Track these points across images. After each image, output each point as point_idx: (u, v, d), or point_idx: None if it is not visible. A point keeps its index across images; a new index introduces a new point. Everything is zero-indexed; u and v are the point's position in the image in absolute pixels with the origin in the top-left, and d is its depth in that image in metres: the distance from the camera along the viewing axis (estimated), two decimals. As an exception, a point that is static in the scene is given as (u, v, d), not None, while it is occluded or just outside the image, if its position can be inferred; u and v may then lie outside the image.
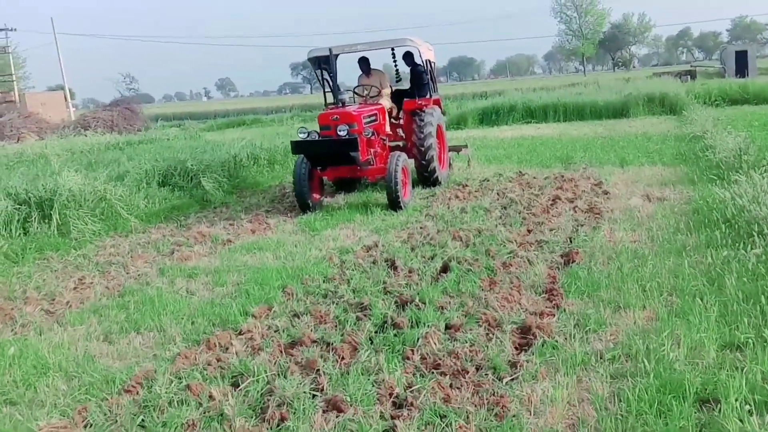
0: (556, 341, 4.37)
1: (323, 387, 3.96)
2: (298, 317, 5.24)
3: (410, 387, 3.89)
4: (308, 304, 5.55)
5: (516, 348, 4.39)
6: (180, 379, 4.26)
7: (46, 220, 8.99)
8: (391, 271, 6.24)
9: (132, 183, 10.91)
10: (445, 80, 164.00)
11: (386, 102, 10.97)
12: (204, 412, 3.80)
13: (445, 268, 6.07)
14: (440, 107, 11.73)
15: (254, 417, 3.73)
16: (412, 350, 4.34)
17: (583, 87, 31.64)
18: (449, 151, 12.40)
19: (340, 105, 9.89)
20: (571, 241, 6.88)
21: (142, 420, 3.74)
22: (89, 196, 9.74)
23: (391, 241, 7.54)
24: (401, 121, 11.31)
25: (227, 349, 4.72)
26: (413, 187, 10.59)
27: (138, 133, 26.61)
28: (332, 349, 4.49)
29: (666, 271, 5.60)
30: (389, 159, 9.44)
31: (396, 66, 11.91)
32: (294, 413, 3.66)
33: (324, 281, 6.15)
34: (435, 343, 4.39)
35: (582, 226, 7.51)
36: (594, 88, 29.30)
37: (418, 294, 5.37)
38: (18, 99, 39.46)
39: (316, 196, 10.02)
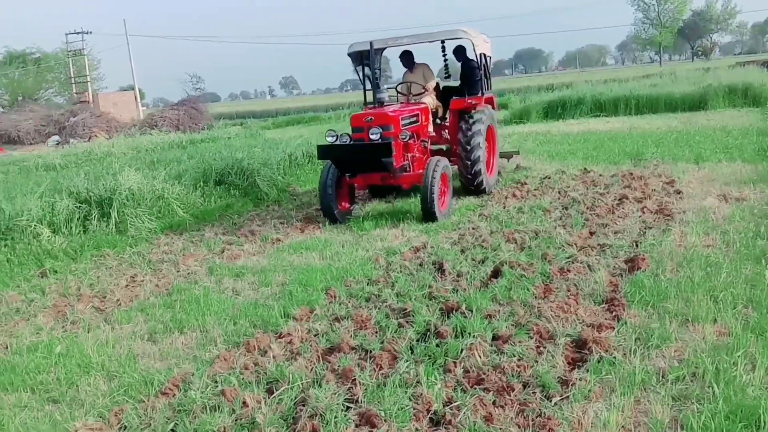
0: (614, 357, 4.05)
1: (358, 398, 3.80)
2: (339, 321, 5.11)
3: (450, 403, 3.67)
4: (350, 307, 5.41)
5: (569, 364, 4.10)
6: (216, 383, 4.20)
7: (105, 218, 9.26)
8: (437, 275, 6.03)
9: (189, 181, 11.10)
10: (510, 73, 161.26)
11: (431, 101, 10.18)
12: (236, 420, 3.72)
13: (496, 273, 5.81)
14: (493, 105, 10.86)
15: (285, 428, 3.61)
16: (455, 362, 4.12)
17: (658, 78, 30.31)
18: (501, 156, 11.52)
19: (378, 105, 9.17)
20: (637, 246, 6.46)
21: (175, 425, 3.69)
22: (147, 195, 9.98)
23: (441, 242, 7.31)
24: (447, 122, 10.53)
25: (266, 352, 4.65)
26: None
27: (201, 131, 27.28)
28: (370, 357, 4.33)
29: (742, 280, 5.14)
30: (427, 165, 8.44)
31: (446, 60, 10.95)
32: (326, 425, 3.52)
33: (368, 284, 6.00)
34: (480, 356, 4.16)
35: (650, 228, 7.06)
36: (670, 79, 28.01)
37: (465, 300, 5.14)
38: (92, 99, 41.22)
39: (346, 204, 9.24)
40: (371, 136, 8.31)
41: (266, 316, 5.35)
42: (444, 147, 10.22)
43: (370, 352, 4.42)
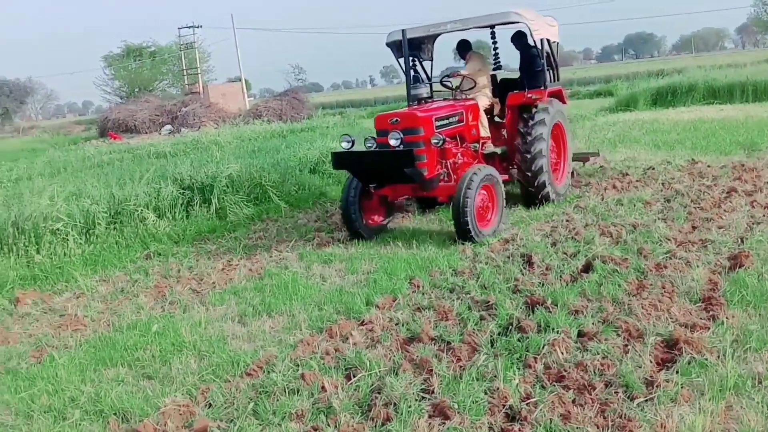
0: (706, 359, 3.80)
1: (433, 389, 3.79)
2: (421, 311, 5.12)
3: (527, 399, 3.59)
4: (433, 298, 5.40)
5: (657, 364, 3.88)
6: (297, 366, 4.32)
7: (207, 204, 9.74)
8: (525, 268, 5.88)
9: (285, 170, 11.44)
10: (619, 58, 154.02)
11: (484, 97, 8.74)
12: (314, 404, 3.81)
13: (587, 268, 5.59)
14: (562, 99, 9.17)
15: (360, 414, 3.67)
16: (535, 358, 4.02)
17: (781, 62, 27.99)
18: (574, 159, 9.71)
19: (417, 102, 8.02)
20: (742, 242, 6.01)
21: (255, 405, 3.83)
22: (246, 182, 10.39)
23: (531, 234, 7.12)
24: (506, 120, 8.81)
25: (347, 339, 4.73)
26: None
27: (302, 121, 27.98)
28: (449, 349, 4.30)
29: None
30: (463, 175, 7.04)
31: (495, 49, 9.45)
32: (399, 415, 3.54)
33: (453, 274, 5.96)
34: (562, 352, 4.03)
35: (759, 224, 6.55)
36: (795, 63, 25.78)
37: (552, 295, 4.98)
38: (202, 90, 43.27)
39: (377, 218, 8.06)
40: (391, 141, 6.97)
41: (350, 303, 5.43)
42: (499, 150, 8.53)
43: (450, 343, 4.40)
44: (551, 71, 8.95)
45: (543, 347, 4.12)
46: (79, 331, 5.58)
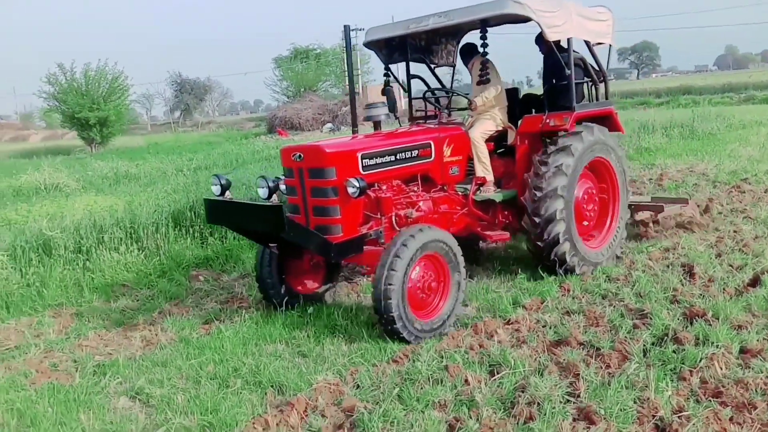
0: None
1: (579, 393, 3.73)
2: (570, 315, 5.03)
3: (679, 412, 3.42)
4: (583, 302, 5.28)
5: (833, 390, 3.53)
6: (442, 358, 4.44)
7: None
8: (686, 278, 5.55)
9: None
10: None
11: (488, 120, 6.37)
12: (456, 395, 3.90)
13: (754, 282, 5.17)
14: (614, 125, 6.65)
15: (502, 410, 3.69)
16: (691, 371, 3.81)
17: None
18: (635, 210, 7.22)
19: (375, 126, 6.19)
20: None
21: (400, 390, 3.99)
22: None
23: (694, 244, 6.67)
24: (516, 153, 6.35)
25: (492, 336, 4.77)
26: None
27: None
28: (598, 355, 4.20)
29: None
30: (391, 243, 4.91)
31: (485, 54, 6.14)
32: (542, 415, 3.52)
33: (606, 280, 5.77)
34: (721, 367, 3.78)
35: None
36: None
37: (713, 308, 4.67)
38: (362, 91, 44.94)
39: (310, 283, 5.96)
40: (259, 191, 5.13)
41: (496, 302, 5.45)
42: (498, 196, 6.14)
43: (599, 349, 4.29)
44: (591, 86, 6.73)
45: (700, 361, 3.90)
46: (243, 308, 6.09)
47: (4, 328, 5.98)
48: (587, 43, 6.49)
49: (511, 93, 6.89)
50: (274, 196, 4.88)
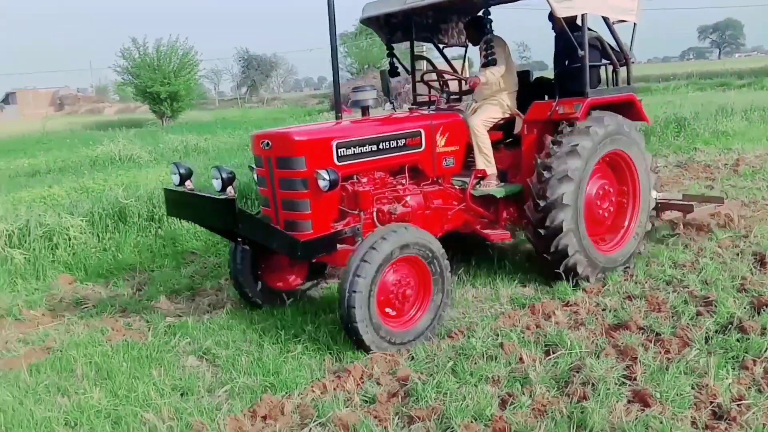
0: None
1: (636, 377, 3.74)
2: (631, 300, 5.00)
3: (739, 400, 3.40)
4: (646, 288, 5.23)
5: None
6: (497, 336, 4.52)
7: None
8: (756, 267, 5.41)
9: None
10: None
11: (492, 106, 5.82)
12: (510, 372, 3.98)
13: (833, 273, 4.97)
14: (635, 113, 5.94)
15: (555, 388, 3.75)
16: (755, 360, 3.76)
17: None
18: (661, 209, 6.53)
19: (363, 112, 5.68)
20: None
21: (454, 365, 4.09)
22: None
23: (768, 232, 6.46)
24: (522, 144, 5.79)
25: (549, 317, 4.81)
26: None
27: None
28: (658, 340, 4.19)
29: None
30: (360, 244, 4.47)
31: (487, 30, 5.54)
32: (596, 395, 3.56)
33: (671, 266, 5.68)
34: (787, 359, 3.71)
35: None
36: None
37: (784, 298, 4.55)
38: (425, 68, 44.72)
39: (292, 279, 5.40)
40: (213, 182, 4.47)
41: (556, 285, 5.45)
42: (499, 191, 5.61)
43: (659, 335, 4.28)
44: (610, 69, 6.01)
45: (765, 351, 3.84)
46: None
47: (82, 289, 6.41)
48: (606, 20, 5.82)
49: (523, 76, 6.30)
50: (230, 189, 4.38)
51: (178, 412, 3.76)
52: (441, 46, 6.90)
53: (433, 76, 6.31)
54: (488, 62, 5.53)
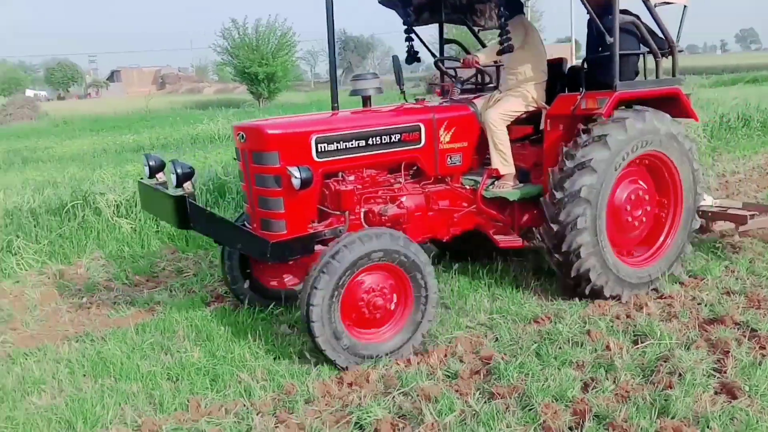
0: None
1: (726, 370, 3.76)
2: (730, 295, 4.96)
3: (835, 400, 3.36)
4: (747, 284, 5.16)
5: None
6: (585, 323, 4.63)
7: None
8: None
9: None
10: None
11: (515, 98, 5.38)
12: (596, 358, 4.08)
13: None
14: (681, 109, 5.34)
15: (641, 376, 3.83)
16: None
17: None
18: (711, 220, 5.91)
19: (365, 101, 5.35)
20: None
21: (538, 347, 4.24)
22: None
23: None
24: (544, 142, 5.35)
25: (641, 308, 4.85)
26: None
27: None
28: (753, 336, 4.17)
29: None
30: (322, 252, 4.20)
31: (502, 14, 5.10)
32: (682, 385, 3.61)
33: (778, 264, 5.53)
34: None
35: None
36: None
37: None
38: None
39: (288, 279, 4.93)
40: (171, 177, 4.31)
41: (652, 276, 5.43)
42: (513, 194, 5.24)
43: (756, 331, 4.27)
44: (652, 59, 5.34)
45: None
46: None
47: (183, 258, 6.98)
48: (646, 2, 5.22)
49: (554, 65, 5.69)
50: (188, 184, 4.19)
51: (271, 374, 4.12)
52: (477, 29, 6.51)
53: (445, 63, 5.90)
54: (504, 49, 5.10)
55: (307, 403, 3.75)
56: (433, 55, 6.29)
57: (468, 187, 5.30)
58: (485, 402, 3.64)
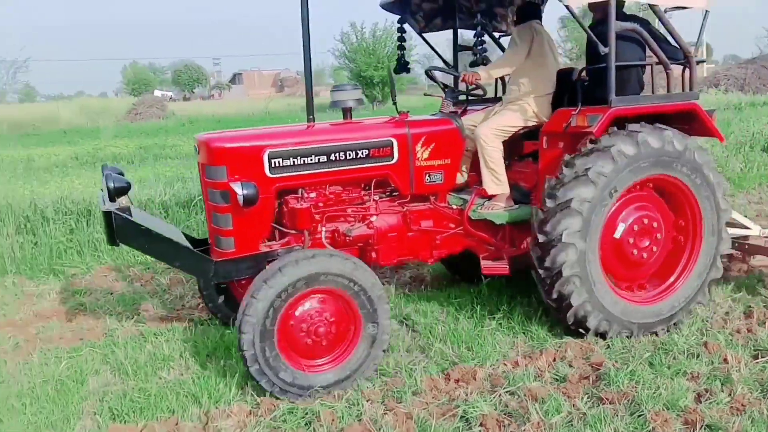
0: None
1: None
2: None
3: None
4: None
5: None
6: (703, 335, 4.57)
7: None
8: None
9: (732, 145, 10.95)
10: None
11: (513, 112, 5.08)
12: (711, 371, 4.03)
13: None
14: (704, 126, 4.77)
15: (758, 391, 3.76)
16: None
17: None
18: (747, 252, 5.49)
19: (346, 115, 4.98)
20: None
21: (652, 357, 4.24)
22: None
23: None
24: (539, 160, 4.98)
25: (765, 323, 4.71)
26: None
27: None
28: None
29: None
30: (269, 265, 4.10)
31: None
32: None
33: None
34: None
35: None
36: None
37: None
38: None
39: None
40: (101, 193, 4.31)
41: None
42: (500, 217, 4.91)
43: None
44: (662, 71, 4.81)
45: None
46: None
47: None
48: (653, 7, 4.70)
49: (563, 76, 5.15)
50: (123, 199, 4.08)
51: (380, 365, 4.36)
52: (497, 35, 6.18)
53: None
54: (476, 61, 4.94)
55: (415, 395, 3.94)
56: (447, 64, 6.10)
57: (455, 206, 5.01)
58: (593, 407, 3.70)
